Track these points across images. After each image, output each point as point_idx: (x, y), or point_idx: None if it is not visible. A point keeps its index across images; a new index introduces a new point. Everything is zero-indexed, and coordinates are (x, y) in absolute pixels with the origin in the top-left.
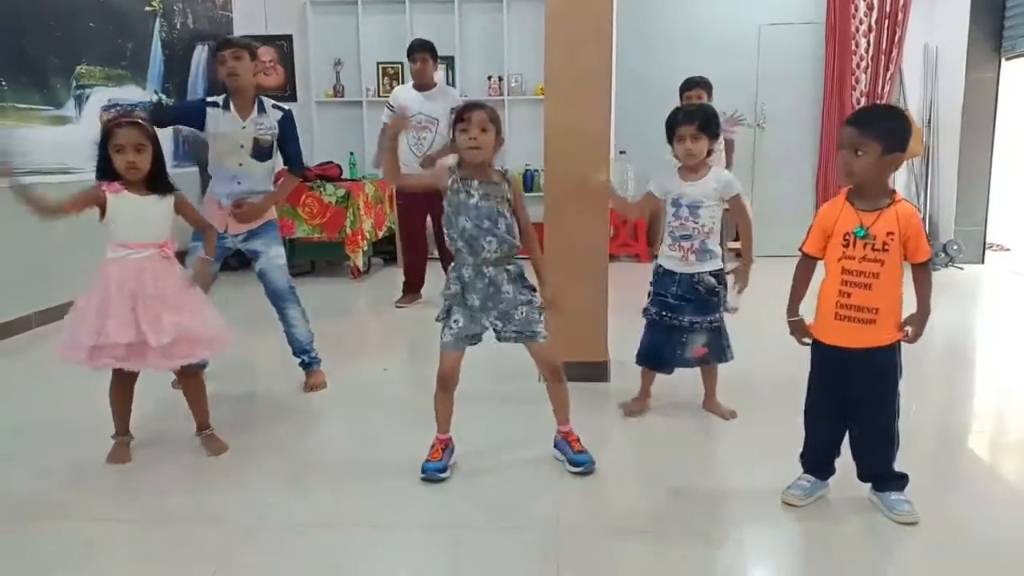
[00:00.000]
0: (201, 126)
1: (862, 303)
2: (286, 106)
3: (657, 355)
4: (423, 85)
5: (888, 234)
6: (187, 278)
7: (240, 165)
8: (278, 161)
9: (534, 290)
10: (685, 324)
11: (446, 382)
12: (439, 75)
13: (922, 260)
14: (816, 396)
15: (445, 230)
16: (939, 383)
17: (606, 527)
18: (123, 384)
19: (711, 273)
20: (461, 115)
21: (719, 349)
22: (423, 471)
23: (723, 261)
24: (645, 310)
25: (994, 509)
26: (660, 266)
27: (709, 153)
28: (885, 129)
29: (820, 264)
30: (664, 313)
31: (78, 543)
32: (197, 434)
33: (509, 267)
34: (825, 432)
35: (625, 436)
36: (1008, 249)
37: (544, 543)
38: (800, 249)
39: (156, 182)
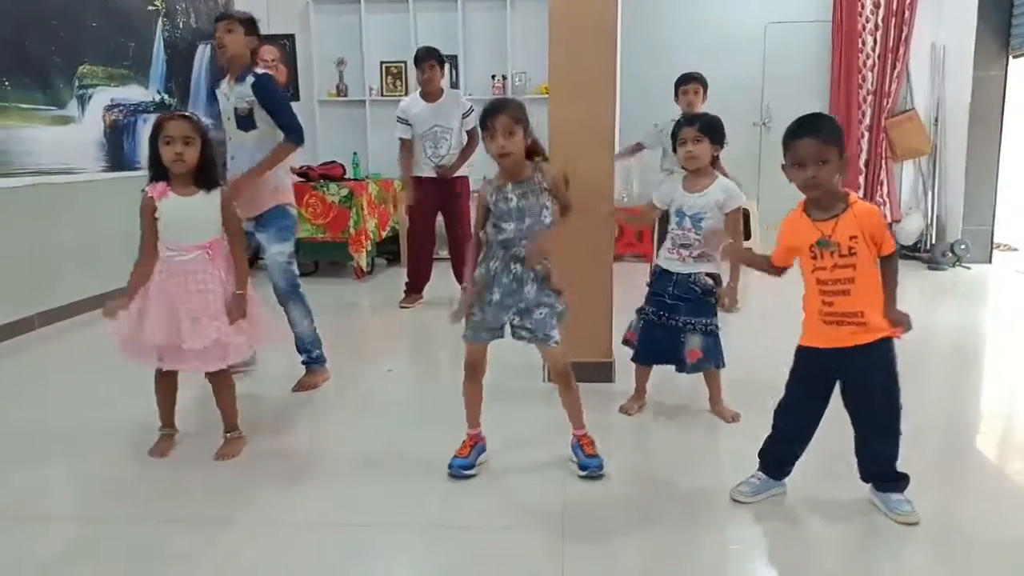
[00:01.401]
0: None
1: (846, 309)
2: (260, 70)
3: (658, 351)
4: (431, 93)
5: (852, 238)
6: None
7: (230, 139)
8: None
9: (557, 294)
10: (679, 324)
11: (472, 370)
12: (444, 80)
13: (887, 253)
14: (797, 397)
15: (487, 231)
16: (945, 383)
17: (612, 527)
18: (164, 379)
19: (709, 274)
20: (485, 122)
21: (715, 354)
22: (449, 467)
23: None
24: (641, 309)
25: (1000, 510)
26: (658, 266)
27: (715, 161)
28: (838, 135)
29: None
30: (662, 313)
31: (81, 543)
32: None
33: (537, 266)
34: (796, 433)
35: (630, 436)
36: (1016, 249)
37: (549, 543)
38: (770, 258)
39: (202, 176)
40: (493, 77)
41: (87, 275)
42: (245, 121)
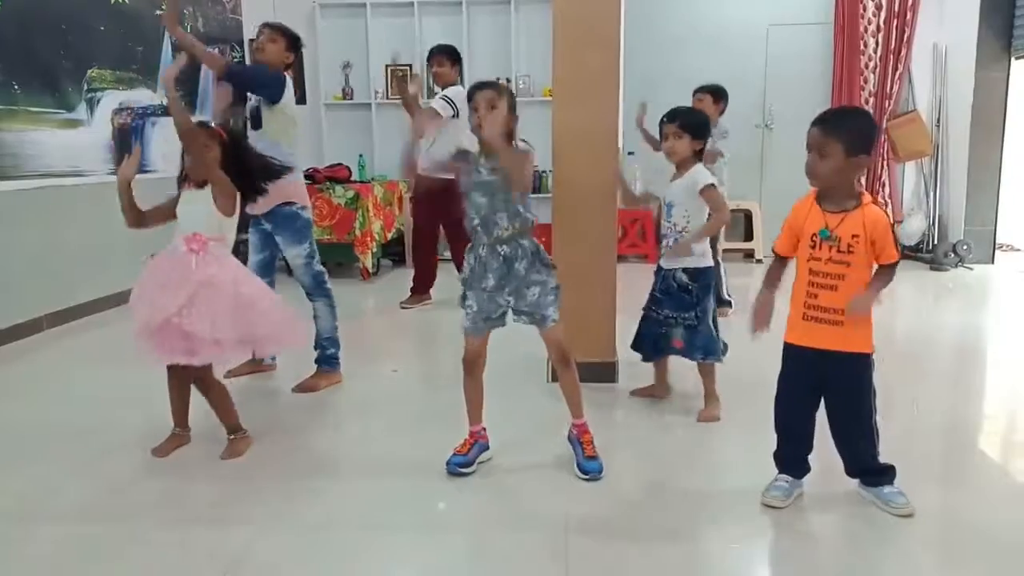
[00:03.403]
0: None
1: (828, 304)
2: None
3: (642, 344)
4: (443, 89)
5: (853, 236)
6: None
7: (248, 139)
8: (281, 129)
9: (550, 268)
10: (661, 318)
11: (469, 366)
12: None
13: (887, 263)
14: (784, 394)
15: (466, 212)
16: (948, 383)
17: (616, 528)
18: (174, 377)
19: (685, 270)
20: (472, 97)
21: (691, 347)
22: (447, 464)
23: (713, 260)
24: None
25: (1003, 508)
26: (658, 262)
27: (698, 155)
28: (848, 131)
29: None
30: (652, 308)
31: (88, 543)
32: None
33: (523, 242)
34: (795, 429)
35: (635, 436)
36: (1018, 249)
37: (553, 543)
38: (772, 249)
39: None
40: (497, 80)
41: (95, 277)
42: (255, 120)
